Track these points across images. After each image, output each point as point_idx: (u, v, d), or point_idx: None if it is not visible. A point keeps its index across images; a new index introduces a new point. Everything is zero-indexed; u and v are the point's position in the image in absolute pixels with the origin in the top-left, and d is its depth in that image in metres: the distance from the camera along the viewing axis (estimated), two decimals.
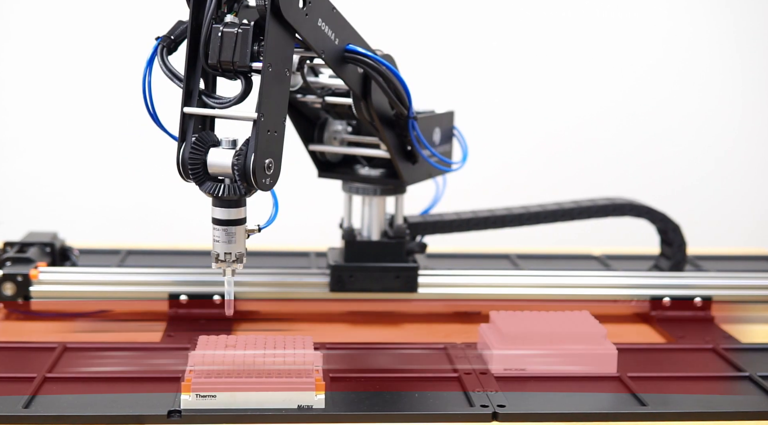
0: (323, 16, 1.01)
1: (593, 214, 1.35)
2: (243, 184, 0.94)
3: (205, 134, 0.96)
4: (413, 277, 1.23)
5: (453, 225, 1.31)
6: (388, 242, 1.23)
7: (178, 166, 0.96)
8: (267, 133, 0.93)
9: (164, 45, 1.04)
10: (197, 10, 0.95)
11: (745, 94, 2.19)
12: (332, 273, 1.22)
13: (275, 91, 0.94)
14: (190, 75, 0.97)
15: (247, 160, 0.92)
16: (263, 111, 0.92)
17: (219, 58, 0.94)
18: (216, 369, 0.93)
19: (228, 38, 0.94)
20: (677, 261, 1.37)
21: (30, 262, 1.25)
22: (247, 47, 0.93)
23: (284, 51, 0.95)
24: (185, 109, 0.96)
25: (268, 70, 0.93)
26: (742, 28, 2.17)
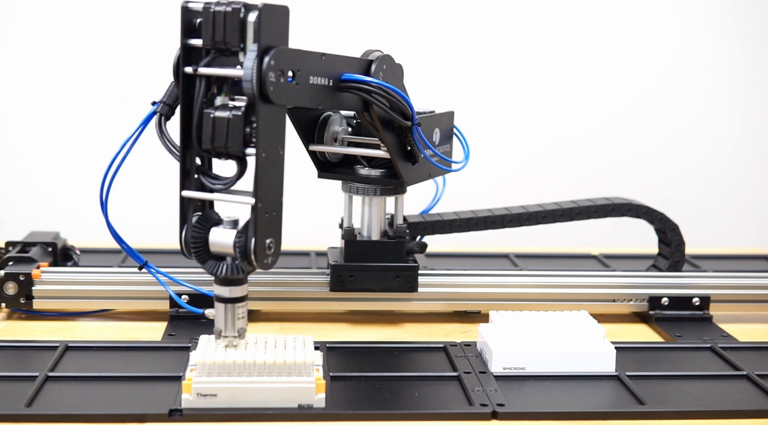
0: (313, 72, 1.01)
1: (592, 214, 1.36)
2: (245, 263, 0.95)
3: (207, 213, 0.97)
4: (413, 277, 1.24)
5: (452, 225, 1.32)
6: (388, 242, 1.24)
7: (181, 246, 0.97)
8: (265, 216, 0.94)
9: (162, 113, 1.05)
10: (187, 91, 0.94)
11: (745, 95, 2.19)
12: (332, 272, 1.23)
13: (270, 174, 0.94)
14: (186, 155, 0.96)
15: (248, 243, 0.94)
16: (260, 196, 0.93)
17: (212, 143, 0.93)
18: (217, 369, 0.93)
19: (220, 124, 0.92)
20: (675, 260, 1.37)
21: (32, 262, 1.25)
22: (239, 134, 0.92)
23: (276, 133, 0.94)
24: (183, 192, 0.96)
25: (262, 155, 0.92)
26: (741, 29, 2.17)
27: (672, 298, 1.28)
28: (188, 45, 0.94)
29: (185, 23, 0.94)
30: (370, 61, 1.11)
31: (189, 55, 0.94)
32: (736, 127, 2.20)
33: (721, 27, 2.16)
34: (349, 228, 1.24)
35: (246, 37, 0.91)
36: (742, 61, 2.18)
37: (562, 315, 1.11)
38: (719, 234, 2.18)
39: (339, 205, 1.28)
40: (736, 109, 2.19)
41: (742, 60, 2.18)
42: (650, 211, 1.37)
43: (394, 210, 1.26)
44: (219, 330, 0.97)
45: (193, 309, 1.15)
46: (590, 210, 1.35)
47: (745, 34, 2.17)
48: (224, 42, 0.92)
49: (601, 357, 1.06)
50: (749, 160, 2.22)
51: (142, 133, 1.07)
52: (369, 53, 1.13)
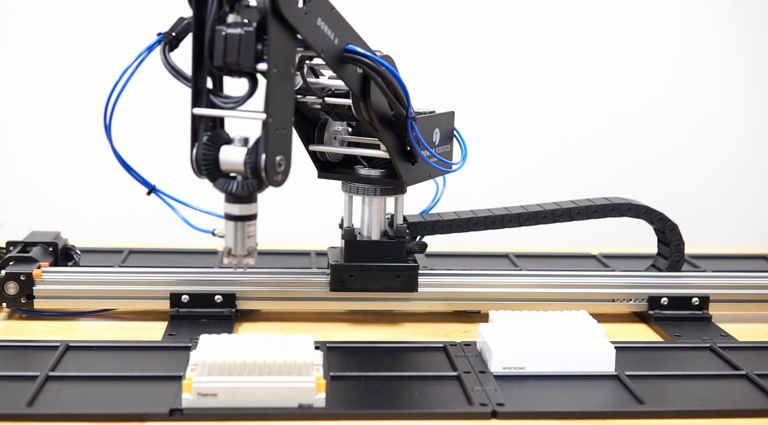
0: (323, 15, 1.02)
1: (591, 214, 1.36)
2: (255, 180, 0.96)
3: (217, 132, 0.98)
4: (413, 277, 1.24)
5: (452, 225, 1.32)
6: (388, 242, 1.24)
7: (192, 164, 0.98)
8: (276, 132, 0.96)
9: (166, 42, 1.06)
10: (200, 10, 0.96)
11: (746, 96, 2.19)
12: (332, 272, 1.23)
13: (281, 90, 0.96)
14: (198, 75, 0.98)
15: (259, 159, 0.95)
16: (271, 111, 0.94)
17: (224, 59, 0.95)
18: (217, 368, 0.93)
19: (232, 40, 0.95)
20: (675, 260, 1.37)
21: (33, 262, 1.26)
22: (250, 49, 0.94)
23: (287, 50, 0.97)
24: (194, 110, 0.98)
25: (273, 71, 0.94)
26: (742, 31, 2.17)
27: (671, 298, 1.29)
28: None
29: None
30: None
31: None
32: (736, 127, 2.20)
33: (721, 29, 2.17)
34: (349, 228, 1.24)
35: None
36: (742, 62, 2.18)
37: (561, 315, 1.11)
38: (719, 235, 2.18)
39: (339, 205, 1.28)
40: (736, 110, 2.20)
41: (743, 61, 2.18)
42: (649, 210, 1.37)
43: (394, 210, 1.26)
44: (229, 249, 0.98)
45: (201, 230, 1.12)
46: (590, 210, 1.35)
47: (745, 35, 2.17)
48: None
49: (600, 356, 1.06)
50: (749, 161, 2.22)
51: (144, 60, 1.08)
52: None
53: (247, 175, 0.96)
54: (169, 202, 1.18)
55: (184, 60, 1.02)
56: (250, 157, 0.96)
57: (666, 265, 1.37)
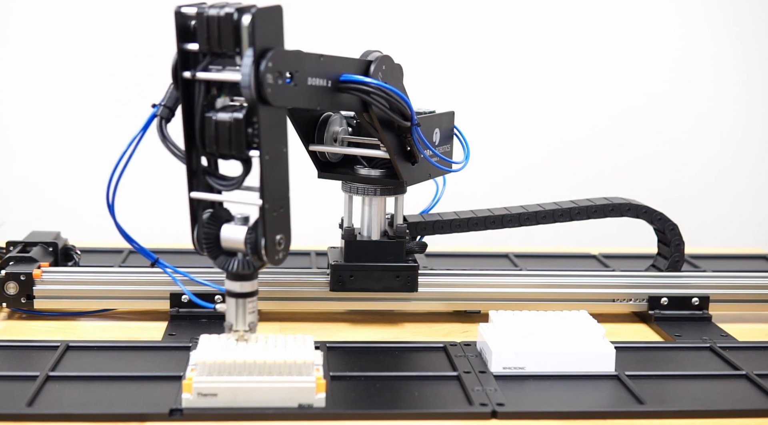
0: (312, 73, 1.01)
1: (591, 214, 1.36)
2: (255, 259, 0.96)
3: (217, 211, 0.98)
4: (413, 277, 1.24)
5: (452, 225, 1.32)
6: (388, 242, 1.24)
7: (194, 242, 0.98)
8: (274, 215, 0.95)
9: (162, 116, 1.05)
10: (187, 94, 0.94)
11: (745, 96, 2.19)
12: (332, 272, 1.23)
13: (275, 174, 0.94)
14: (191, 157, 0.96)
15: (259, 240, 0.95)
16: (267, 197, 0.94)
17: (216, 146, 0.94)
18: (217, 368, 0.93)
19: (222, 127, 0.93)
20: (675, 260, 1.37)
21: (33, 262, 1.26)
22: (241, 136, 0.92)
23: (279, 132, 0.95)
24: (192, 194, 0.97)
25: (265, 157, 0.93)
26: (741, 31, 2.17)
27: (671, 298, 1.29)
28: (185, 49, 0.94)
29: (180, 27, 0.94)
30: (369, 61, 1.12)
31: (186, 59, 0.94)
32: (735, 127, 2.20)
33: (721, 29, 2.17)
34: (349, 228, 1.24)
35: (241, 40, 0.91)
36: (742, 62, 2.18)
37: (561, 315, 1.11)
38: (719, 235, 2.18)
39: (339, 205, 1.28)
40: (736, 110, 2.20)
41: (743, 61, 2.18)
42: (649, 210, 1.37)
43: (394, 210, 1.26)
44: (230, 324, 0.98)
45: (204, 304, 1.14)
46: (590, 210, 1.35)
47: (745, 35, 2.17)
48: (219, 46, 0.92)
49: (600, 356, 1.06)
50: (749, 161, 2.22)
51: (143, 137, 1.07)
52: (368, 54, 1.13)
53: (247, 253, 0.96)
54: (173, 274, 1.16)
55: None
56: (251, 237, 0.95)
57: (666, 265, 1.37)
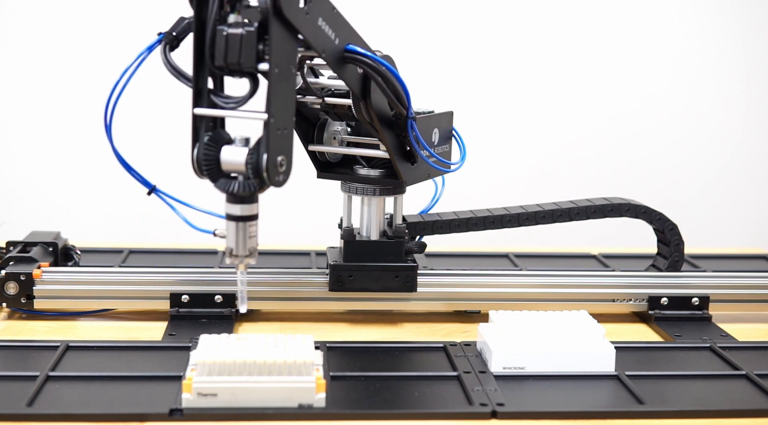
0: (324, 15, 1.02)
1: (591, 215, 1.36)
2: (257, 180, 0.96)
3: (218, 133, 0.98)
4: (412, 277, 1.24)
5: (451, 225, 1.32)
6: (387, 242, 1.24)
7: (193, 164, 0.99)
8: (277, 132, 0.96)
9: (166, 42, 1.06)
10: (200, 10, 0.97)
11: (745, 96, 2.19)
12: (331, 272, 1.23)
13: (282, 90, 0.96)
14: (198, 75, 0.98)
15: (260, 159, 0.95)
16: (272, 111, 0.95)
17: (225, 59, 0.95)
18: (217, 368, 0.93)
19: (233, 40, 0.95)
20: (675, 260, 1.37)
21: (33, 262, 1.26)
22: (252, 49, 0.95)
23: (288, 50, 0.97)
24: (195, 110, 0.98)
25: (275, 71, 0.95)
26: (741, 32, 2.17)
27: (671, 298, 1.29)
28: None
29: None
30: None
31: None
32: (735, 127, 2.20)
33: (721, 30, 2.17)
34: (349, 228, 1.24)
35: None
36: (742, 62, 2.18)
37: (561, 315, 1.11)
38: (719, 235, 2.18)
39: (339, 205, 1.28)
40: (736, 110, 2.20)
41: (743, 60, 2.18)
42: (649, 210, 1.37)
43: (393, 210, 1.26)
44: (230, 249, 0.99)
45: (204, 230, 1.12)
46: (589, 210, 1.35)
47: (745, 35, 2.17)
48: None
49: (600, 356, 1.06)
50: (749, 161, 2.22)
51: (144, 60, 1.09)
52: None
53: (248, 175, 0.97)
54: (170, 202, 1.18)
55: (185, 60, 1.02)
56: (252, 157, 0.96)
57: (666, 265, 1.37)
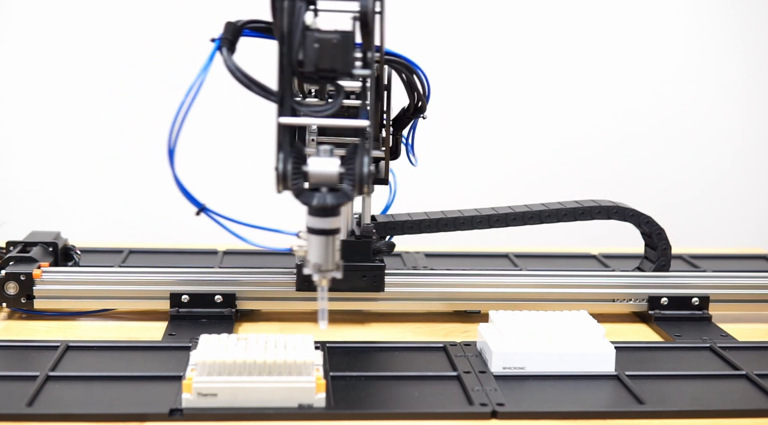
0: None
1: (578, 216, 1.35)
2: (355, 190, 0.92)
3: (298, 145, 0.93)
4: (380, 277, 1.23)
5: (421, 225, 1.31)
6: (354, 241, 1.23)
7: (278, 178, 0.92)
8: (373, 140, 0.93)
9: (227, 47, 0.98)
10: (289, 15, 0.91)
11: (746, 96, 2.19)
12: (298, 272, 1.22)
13: (374, 95, 0.93)
14: (283, 83, 0.92)
15: (363, 168, 0.91)
16: (371, 118, 0.92)
17: (317, 65, 0.90)
18: (217, 368, 0.93)
19: (328, 45, 0.90)
20: (661, 265, 1.37)
21: (33, 262, 1.26)
22: (349, 54, 0.90)
23: (379, 53, 0.95)
24: (282, 119, 0.92)
25: (374, 75, 0.91)
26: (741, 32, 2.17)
27: (671, 298, 1.29)
28: None
29: None
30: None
31: None
32: (735, 127, 2.20)
33: (720, 29, 2.17)
34: None
35: None
36: (743, 61, 2.18)
37: (561, 315, 1.11)
38: (719, 234, 2.18)
39: None
40: (736, 110, 2.20)
41: (743, 60, 2.18)
42: (637, 214, 1.36)
43: (361, 210, 1.26)
44: (318, 265, 0.93)
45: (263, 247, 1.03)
46: (576, 212, 1.35)
47: (745, 36, 2.17)
48: None
49: (600, 356, 1.06)
50: (749, 160, 2.22)
51: (208, 69, 0.99)
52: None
53: (337, 187, 0.92)
54: (221, 221, 1.04)
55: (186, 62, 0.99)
56: (352, 168, 0.91)
57: (652, 269, 1.37)
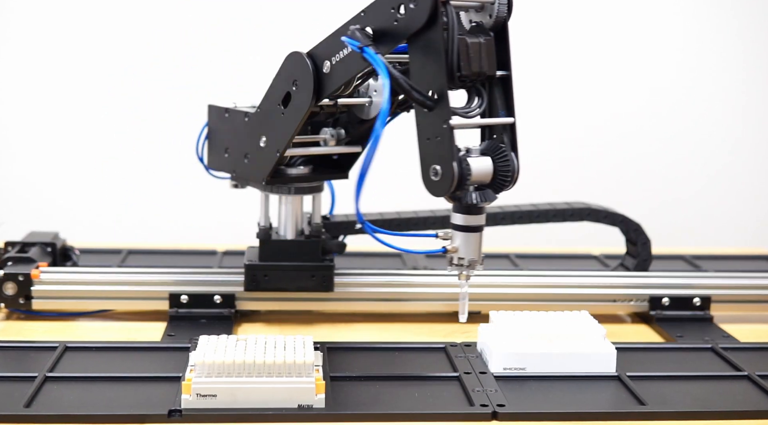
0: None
1: (551, 218, 1.36)
2: (509, 186, 0.96)
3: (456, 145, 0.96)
4: (329, 276, 1.22)
5: (375, 225, 1.31)
6: (302, 241, 1.23)
7: (458, 180, 0.94)
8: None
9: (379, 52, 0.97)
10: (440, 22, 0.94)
11: (745, 95, 2.19)
12: (246, 272, 1.22)
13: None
14: (445, 88, 0.94)
15: (517, 164, 0.95)
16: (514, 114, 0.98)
17: (472, 69, 0.94)
18: (216, 369, 0.93)
19: (477, 48, 0.95)
20: (643, 259, 1.37)
21: (31, 262, 1.25)
22: (494, 56, 0.96)
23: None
24: (454, 121, 0.94)
25: (511, 73, 0.97)
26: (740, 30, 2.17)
27: (673, 298, 1.28)
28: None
29: None
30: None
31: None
32: (736, 126, 2.20)
33: (719, 27, 2.16)
34: (264, 228, 1.23)
35: None
36: (741, 60, 2.18)
37: (562, 315, 1.10)
38: (720, 235, 2.18)
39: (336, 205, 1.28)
40: (736, 108, 2.19)
41: (742, 59, 2.18)
42: (611, 214, 1.37)
43: (311, 209, 1.25)
44: (473, 261, 0.98)
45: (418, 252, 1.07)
46: (549, 214, 1.36)
47: (743, 34, 2.17)
48: None
49: (601, 357, 1.06)
50: (749, 160, 2.22)
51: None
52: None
53: (507, 181, 0.96)
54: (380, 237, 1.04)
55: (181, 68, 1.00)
56: (508, 165, 0.95)
57: (634, 264, 1.37)
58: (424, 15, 0.93)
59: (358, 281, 1.25)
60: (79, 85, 2.03)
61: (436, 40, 0.93)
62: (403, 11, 0.95)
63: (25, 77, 2.04)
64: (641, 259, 1.38)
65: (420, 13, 0.93)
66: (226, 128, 1.21)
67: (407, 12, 0.94)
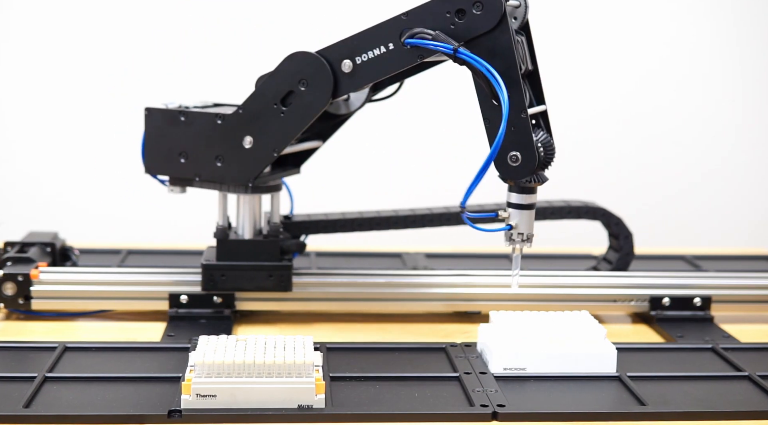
0: None
1: (548, 216, 1.37)
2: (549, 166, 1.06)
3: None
4: (286, 276, 1.22)
5: (336, 225, 1.32)
6: (261, 241, 1.23)
7: (537, 163, 1.03)
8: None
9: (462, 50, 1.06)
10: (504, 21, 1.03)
11: (745, 94, 2.19)
12: (204, 272, 1.22)
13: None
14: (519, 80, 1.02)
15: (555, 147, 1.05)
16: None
17: (525, 64, 1.05)
18: (216, 369, 0.93)
19: (522, 47, 1.06)
20: (626, 253, 1.38)
21: (30, 262, 1.25)
22: (527, 52, 1.07)
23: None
24: (531, 109, 1.05)
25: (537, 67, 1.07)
26: (739, 29, 2.17)
27: (673, 299, 1.28)
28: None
29: None
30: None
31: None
32: (736, 126, 2.20)
33: (717, 26, 2.16)
34: (221, 227, 1.22)
35: None
36: (741, 59, 2.18)
37: (562, 316, 1.10)
38: (720, 235, 2.18)
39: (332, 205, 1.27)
40: (736, 109, 2.19)
41: (742, 58, 2.18)
42: (591, 209, 1.38)
43: (270, 209, 1.25)
44: (531, 235, 1.06)
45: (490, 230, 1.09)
46: (546, 212, 1.36)
47: (741, 33, 2.17)
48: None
49: (602, 357, 1.06)
50: (750, 160, 2.22)
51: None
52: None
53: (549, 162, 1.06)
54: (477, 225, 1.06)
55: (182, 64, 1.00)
56: (552, 146, 1.04)
57: (617, 259, 1.38)
58: (494, 20, 1.01)
59: (319, 281, 1.25)
60: (79, 85, 2.03)
61: (505, 41, 1.02)
62: (464, 16, 1.02)
63: (25, 77, 2.04)
64: (624, 253, 1.38)
65: (489, 18, 1.02)
66: (179, 131, 1.20)
67: (470, 17, 1.02)
